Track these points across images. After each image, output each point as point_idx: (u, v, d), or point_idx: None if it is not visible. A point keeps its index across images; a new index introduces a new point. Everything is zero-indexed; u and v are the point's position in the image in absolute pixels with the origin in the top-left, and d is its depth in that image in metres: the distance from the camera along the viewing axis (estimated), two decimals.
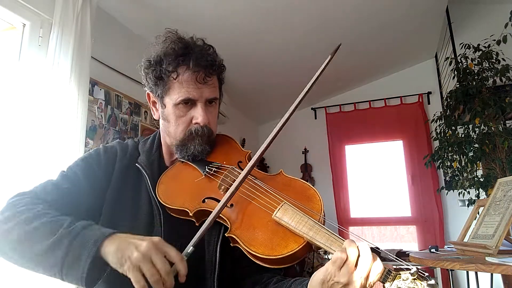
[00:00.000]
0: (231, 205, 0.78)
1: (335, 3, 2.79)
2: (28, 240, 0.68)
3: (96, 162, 0.90)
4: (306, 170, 4.62)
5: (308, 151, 4.69)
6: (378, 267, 0.61)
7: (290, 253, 0.67)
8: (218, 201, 0.78)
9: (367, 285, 0.62)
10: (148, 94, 0.96)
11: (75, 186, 0.83)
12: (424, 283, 0.57)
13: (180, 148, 0.90)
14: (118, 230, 0.83)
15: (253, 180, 0.82)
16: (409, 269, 0.59)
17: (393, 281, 0.59)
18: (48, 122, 1.75)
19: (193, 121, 0.89)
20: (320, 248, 0.66)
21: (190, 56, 0.86)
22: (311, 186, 0.79)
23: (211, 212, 0.76)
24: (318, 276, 0.66)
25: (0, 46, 1.83)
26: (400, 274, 0.60)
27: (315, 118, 4.69)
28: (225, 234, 0.74)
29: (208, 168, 0.87)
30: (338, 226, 0.83)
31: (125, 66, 2.46)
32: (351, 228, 4.35)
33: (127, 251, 0.63)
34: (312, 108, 4.68)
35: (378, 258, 0.62)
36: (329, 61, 0.88)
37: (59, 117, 1.79)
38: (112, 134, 2.34)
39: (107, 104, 2.32)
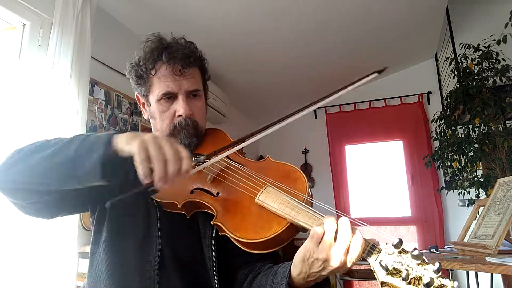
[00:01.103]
0: (217, 193, 0.79)
1: (335, 3, 2.79)
2: (41, 147, 0.69)
3: None
4: (306, 170, 4.61)
5: (308, 151, 4.69)
6: (357, 240, 0.59)
7: (273, 235, 0.66)
8: (206, 191, 0.79)
9: (348, 261, 0.60)
10: (137, 97, 0.99)
11: None
12: (409, 255, 0.54)
13: None
14: (115, 230, 0.84)
15: (239, 166, 0.82)
16: (392, 242, 0.56)
17: (378, 255, 0.57)
18: (48, 122, 1.75)
19: (176, 114, 0.90)
20: (304, 228, 0.65)
21: (165, 51, 0.89)
22: (298, 168, 0.78)
23: (201, 203, 0.76)
24: (298, 254, 0.65)
25: (0, 46, 1.83)
26: (383, 249, 0.57)
27: (315, 118, 4.68)
28: (211, 222, 0.74)
29: (194, 160, 0.88)
30: (337, 212, 0.83)
31: (125, 66, 2.45)
32: None
33: (140, 135, 0.64)
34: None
35: (358, 232, 0.60)
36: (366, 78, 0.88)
37: (59, 117, 1.79)
38: None
39: (107, 104, 2.32)
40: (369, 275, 3.50)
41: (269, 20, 2.84)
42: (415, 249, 0.55)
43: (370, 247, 0.58)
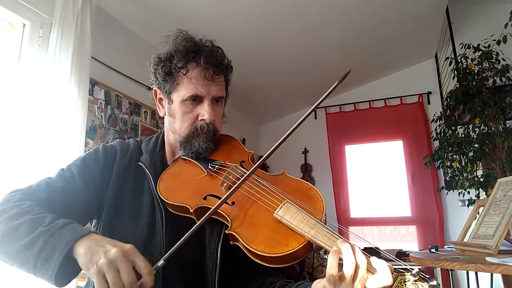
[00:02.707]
0: (233, 202, 0.77)
1: (335, 3, 2.79)
2: (9, 237, 0.69)
3: (93, 161, 0.90)
4: (306, 170, 4.62)
5: (308, 151, 4.69)
6: (386, 278, 0.58)
7: (290, 251, 0.66)
8: (220, 198, 0.77)
9: None
10: (155, 91, 0.96)
11: (69, 184, 0.84)
12: (426, 285, 0.55)
13: (184, 145, 0.90)
14: (119, 230, 0.83)
15: (256, 179, 0.81)
16: (410, 270, 0.57)
17: (394, 282, 0.58)
18: (48, 122, 1.75)
19: (199, 118, 0.89)
20: (321, 247, 0.65)
21: (201, 54, 0.88)
22: (313, 186, 0.79)
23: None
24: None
25: (0, 46, 1.83)
26: (400, 276, 0.58)
27: (315, 118, 4.68)
28: (226, 231, 0.74)
29: (211, 166, 0.87)
30: (339, 226, 0.83)
31: (125, 66, 2.46)
32: (351, 228, 4.34)
33: (95, 256, 0.62)
34: None
35: (387, 267, 0.59)
36: (335, 86, 0.89)
37: (59, 117, 1.79)
38: (112, 134, 2.34)
39: (107, 104, 2.32)
40: None
41: (268, 20, 2.84)
42: (432, 279, 0.56)
43: None
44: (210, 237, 0.82)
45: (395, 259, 0.64)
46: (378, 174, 4.34)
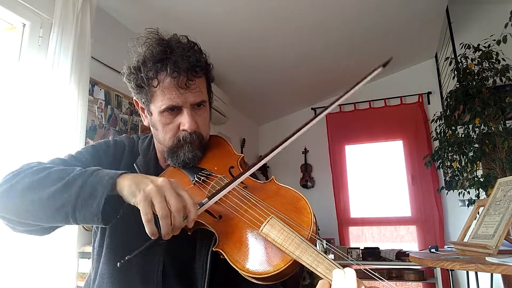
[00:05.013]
0: (220, 216, 0.75)
1: (335, 3, 2.79)
2: (38, 185, 0.68)
3: (104, 151, 0.90)
4: (306, 170, 4.62)
5: (308, 151, 4.69)
6: None
7: (276, 272, 0.64)
8: (208, 212, 0.75)
9: None
10: (136, 101, 0.93)
11: (83, 164, 0.81)
12: None
13: (171, 155, 0.87)
14: (121, 226, 0.82)
15: (243, 190, 0.78)
16: None
17: None
18: (48, 122, 1.75)
19: (181, 128, 0.85)
20: (307, 267, 0.63)
21: (168, 61, 0.80)
22: (303, 196, 0.74)
23: (203, 224, 0.74)
24: None
25: (0, 46, 1.83)
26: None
27: None
28: (213, 249, 0.72)
29: (197, 177, 0.84)
30: (341, 254, 0.82)
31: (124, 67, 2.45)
32: (351, 228, 4.35)
33: (142, 184, 0.64)
34: (312, 108, 4.68)
35: None
36: (374, 71, 0.83)
37: (59, 117, 1.79)
38: (112, 134, 2.34)
39: (107, 104, 2.32)
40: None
41: (268, 20, 2.84)
42: None
43: None
44: (201, 244, 0.81)
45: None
46: (378, 174, 4.34)
